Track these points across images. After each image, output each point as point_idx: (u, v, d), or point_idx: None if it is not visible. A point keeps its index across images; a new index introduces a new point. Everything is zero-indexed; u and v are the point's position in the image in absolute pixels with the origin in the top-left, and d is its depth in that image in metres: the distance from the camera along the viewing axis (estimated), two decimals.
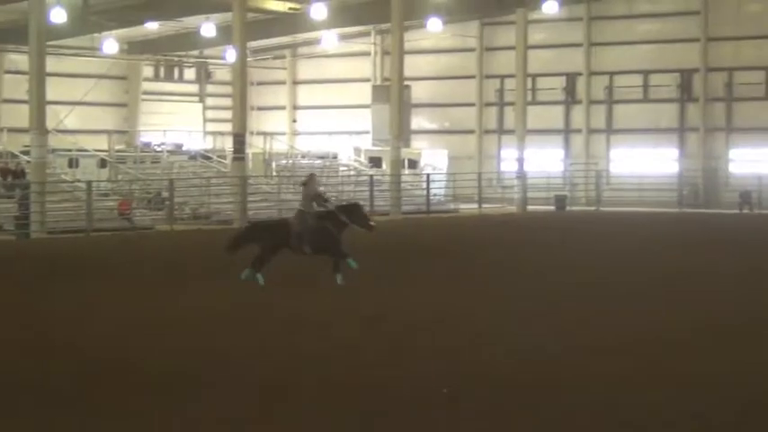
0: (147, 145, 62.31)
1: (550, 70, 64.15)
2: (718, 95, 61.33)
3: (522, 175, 57.53)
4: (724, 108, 61.24)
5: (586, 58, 64.35)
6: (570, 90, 65.17)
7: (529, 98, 61.24)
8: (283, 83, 74.92)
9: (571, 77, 65.03)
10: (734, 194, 57.46)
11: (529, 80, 61.24)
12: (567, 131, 65.47)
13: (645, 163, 62.78)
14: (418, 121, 68.90)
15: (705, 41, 61.11)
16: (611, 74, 63.79)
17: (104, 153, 55.17)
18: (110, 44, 59.24)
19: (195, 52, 70.90)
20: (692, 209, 56.45)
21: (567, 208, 57.14)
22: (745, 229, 42.34)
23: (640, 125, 62.39)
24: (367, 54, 71.49)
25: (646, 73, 62.82)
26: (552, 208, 56.96)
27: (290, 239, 20.76)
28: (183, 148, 62.55)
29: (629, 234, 38.01)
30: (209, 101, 73.27)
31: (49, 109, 43.04)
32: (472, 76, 67.71)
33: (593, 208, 58.05)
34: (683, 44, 61.48)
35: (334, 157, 63.01)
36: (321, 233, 20.57)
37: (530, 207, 56.32)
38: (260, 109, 74.20)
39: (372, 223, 21.44)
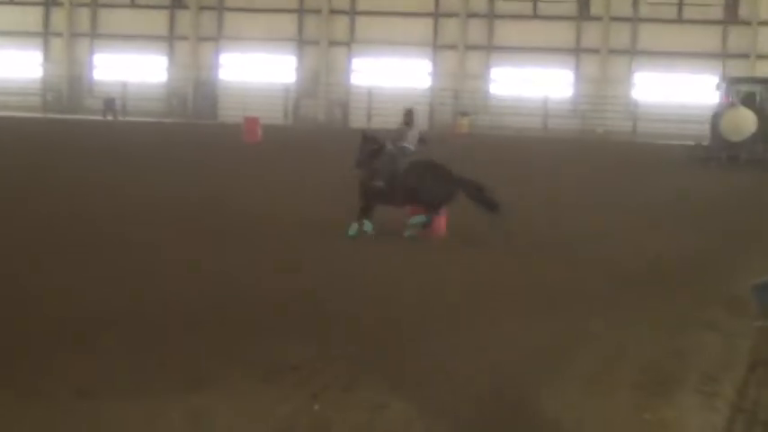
0: None
1: None
2: (85, 2, 61.66)
3: None
4: (89, 13, 61.64)
5: None
6: None
7: None
8: None
9: None
10: (98, 101, 58.30)
11: None
12: None
13: (10, 67, 61.74)
14: None
15: None
16: None
17: None
18: None
19: None
20: (56, 114, 56.44)
21: None
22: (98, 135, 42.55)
23: (4, 28, 61.18)
24: None
25: None
26: None
27: None
28: None
29: None
30: None
31: None
32: None
33: None
34: None
35: None
36: None
37: None
38: None
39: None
